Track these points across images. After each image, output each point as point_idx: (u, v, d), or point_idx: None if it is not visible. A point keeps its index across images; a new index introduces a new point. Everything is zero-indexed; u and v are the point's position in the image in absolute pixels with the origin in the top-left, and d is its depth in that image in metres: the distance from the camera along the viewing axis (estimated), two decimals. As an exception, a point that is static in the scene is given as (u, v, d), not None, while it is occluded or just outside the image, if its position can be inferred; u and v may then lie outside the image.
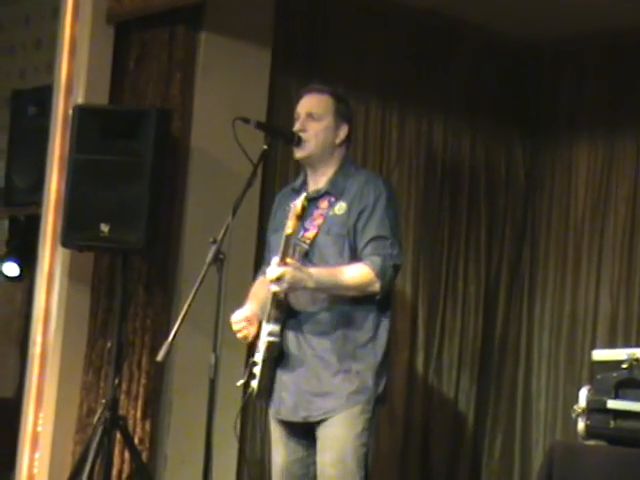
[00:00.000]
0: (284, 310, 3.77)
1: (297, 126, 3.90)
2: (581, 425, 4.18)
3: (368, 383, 3.77)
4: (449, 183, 5.84)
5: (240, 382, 3.86)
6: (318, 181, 3.91)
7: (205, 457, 3.77)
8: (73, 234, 4.79)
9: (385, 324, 3.84)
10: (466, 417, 5.81)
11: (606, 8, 5.27)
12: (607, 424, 4.11)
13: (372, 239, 3.77)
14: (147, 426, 4.94)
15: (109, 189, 4.74)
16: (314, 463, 3.81)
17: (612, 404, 4.11)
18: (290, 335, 3.81)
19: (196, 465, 4.04)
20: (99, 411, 4.72)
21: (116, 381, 4.74)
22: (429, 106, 5.76)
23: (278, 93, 5.26)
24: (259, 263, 5.07)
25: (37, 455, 5.00)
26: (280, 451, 3.90)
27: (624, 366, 4.15)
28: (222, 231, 3.76)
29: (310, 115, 3.88)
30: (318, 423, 3.78)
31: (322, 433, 3.77)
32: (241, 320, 3.82)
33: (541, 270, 5.92)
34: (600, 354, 4.39)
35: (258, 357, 3.79)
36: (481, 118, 5.93)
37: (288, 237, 3.67)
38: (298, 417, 3.81)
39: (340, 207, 3.82)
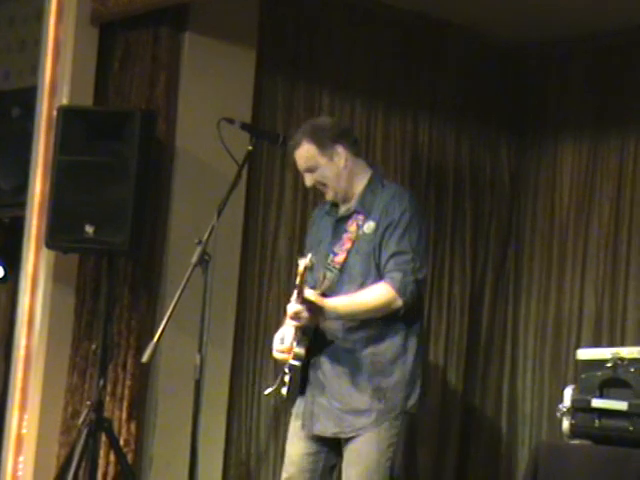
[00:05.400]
0: (310, 334, 3.87)
1: (308, 183, 4.04)
2: (566, 424, 4.18)
3: (397, 398, 3.87)
4: (434, 183, 5.83)
5: (268, 390, 3.98)
6: (348, 202, 4.03)
7: (191, 458, 3.77)
8: (58, 236, 4.78)
9: (413, 337, 3.93)
10: (452, 417, 5.81)
11: (592, 11, 5.29)
12: (592, 423, 4.12)
13: (393, 254, 3.87)
14: (132, 428, 4.92)
15: (94, 191, 4.73)
16: (324, 460, 3.94)
17: (597, 403, 4.11)
18: (321, 354, 3.91)
19: (182, 466, 4.04)
20: (84, 413, 4.70)
21: (101, 383, 4.72)
22: (414, 106, 5.75)
23: (263, 94, 5.25)
24: (245, 264, 5.10)
25: (21, 458, 4.97)
26: (295, 444, 4.00)
27: (608, 365, 4.16)
28: (207, 232, 3.77)
29: (308, 171, 4.00)
30: (347, 439, 3.88)
31: (349, 448, 3.88)
32: (284, 351, 3.94)
33: (526, 270, 5.92)
34: (585, 353, 4.40)
35: (286, 368, 3.91)
36: (466, 118, 5.93)
37: (302, 278, 3.73)
38: (329, 433, 3.92)
39: (369, 226, 3.92)
